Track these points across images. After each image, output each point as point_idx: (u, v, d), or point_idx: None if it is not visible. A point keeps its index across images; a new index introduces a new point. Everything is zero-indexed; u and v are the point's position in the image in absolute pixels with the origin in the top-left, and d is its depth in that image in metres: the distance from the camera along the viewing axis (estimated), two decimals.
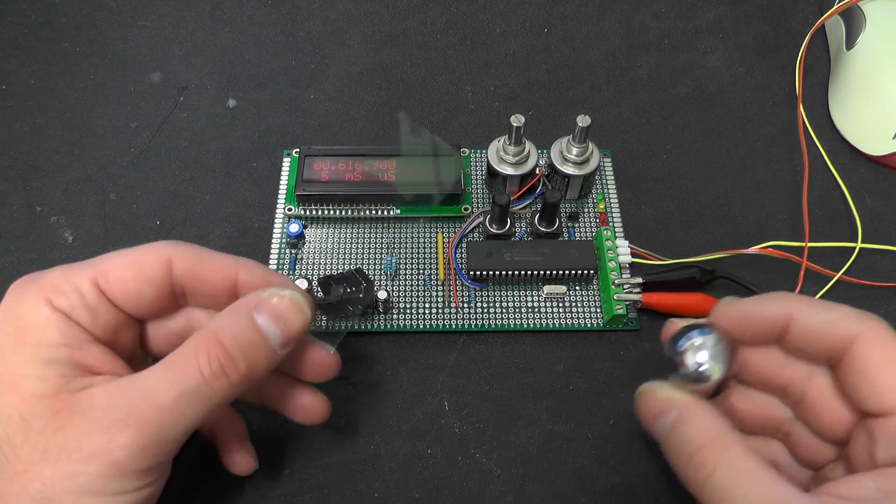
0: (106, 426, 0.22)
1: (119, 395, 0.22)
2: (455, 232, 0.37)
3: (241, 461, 0.29)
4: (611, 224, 0.38)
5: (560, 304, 0.35)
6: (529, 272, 0.34)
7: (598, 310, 0.35)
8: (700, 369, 0.24)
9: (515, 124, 0.35)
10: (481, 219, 0.37)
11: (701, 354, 0.24)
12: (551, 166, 0.37)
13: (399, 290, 0.35)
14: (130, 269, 0.25)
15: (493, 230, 0.36)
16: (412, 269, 0.36)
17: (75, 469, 0.22)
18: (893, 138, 0.40)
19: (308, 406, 0.28)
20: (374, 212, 0.37)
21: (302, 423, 0.29)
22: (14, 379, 0.22)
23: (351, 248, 0.37)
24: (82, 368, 0.23)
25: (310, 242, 0.37)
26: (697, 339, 0.24)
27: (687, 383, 0.24)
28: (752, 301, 0.25)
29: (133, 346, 0.27)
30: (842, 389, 0.24)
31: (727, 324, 0.25)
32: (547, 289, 0.35)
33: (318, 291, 0.33)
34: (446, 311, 0.35)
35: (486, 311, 0.35)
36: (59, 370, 0.23)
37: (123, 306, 0.25)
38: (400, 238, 0.37)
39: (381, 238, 0.37)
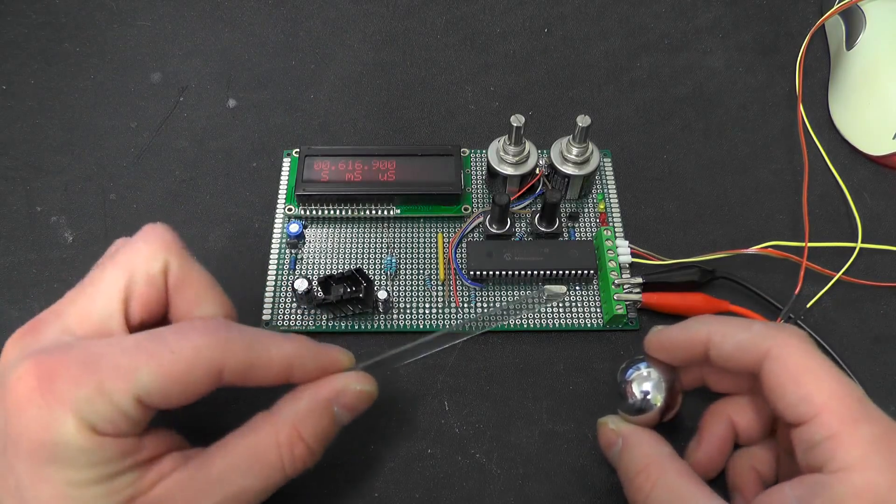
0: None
1: (198, 489, 0.21)
2: (455, 232, 0.37)
3: None
4: (611, 224, 0.38)
5: (560, 304, 0.35)
6: (529, 272, 0.34)
7: (598, 310, 0.35)
8: (646, 398, 0.27)
9: (515, 124, 0.35)
10: (481, 219, 0.37)
11: (645, 385, 0.27)
12: (551, 166, 0.37)
13: (399, 290, 0.35)
14: (177, 386, 0.21)
15: (493, 230, 0.36)
16: (412, 269, 0.36)
17: None
18: (893, 138, 0.40)
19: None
20: (374, 212, 0.37)
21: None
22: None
23: (351, 248, 0.37)
24: (144, 464, 0.21)
25: (310, 242, 0.37)
26: (641, 372, 0.27)
27: (634, 412, 0.27)
28: (677, 328, 0.27)
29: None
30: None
31: (657, 351, 0.28)
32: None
33: (318, 291, 0.33)
34: (446, 311, 0.35)
35: (486, 311, 0.35)
36: (125, 481, 0.21)
37: (160, 406, 0.22)
38: (400, 238, 0.37)
39: (381, 238, 0.37)
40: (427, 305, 0.35)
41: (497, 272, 0.34)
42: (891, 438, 0.21)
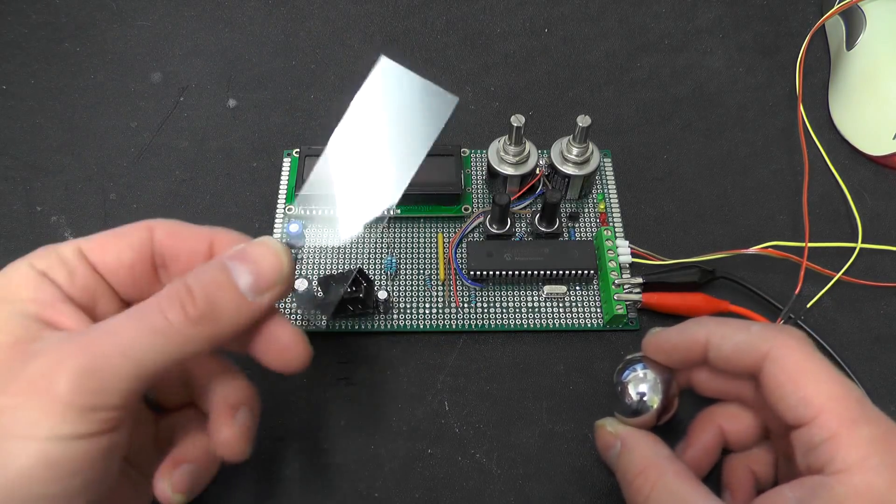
0: (49, 355, 0.20)
1: (72, 336, 0.21)
2: (455, 232, 0.37)
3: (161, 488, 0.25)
4: (611, 224, 0.38)
5: (560, 304, 0.35)
6: (529, 272, 0.34)
7: (599, 310, 0.35)
8: (642, 400, 0.27)
9: (515, 124, 0.35)
10: (481, 219, 0.37)
11: (641, 387, 0.27)
12: (551, 166, 0.37)
13: (399, 290, 0.35)
14: (111, 235, 0.25)
15: (493, 230, 0.36)
16: (412, 269, 0.36)
17: (5, 403, 0.19)
18: (893, 138, 0.40)
19: (285, 346, 0.24)
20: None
21: (281, 371, 0.25)
22: None
23: (351, 248, 0.37)
24: (50, 324, 0.22)
25: (310, 242, 0.37)
26: (637, 373, 0.27)
27: (630, 414, 0.27)
28: (675, 329, 0.27)
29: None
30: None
31: (655, 353, 0.28)
32: (547, 289, 0.35)
33: (318, 291, 0.33)
34: (446, 311, 0.35)
35: (486, 311, 0.35)
36: (23, 322, 0.21)
37: (104, 270, 0.24)
38: (400, 238, 0.37)
39: (381, 238, 0.37)
40: (427, 305, 0.35)
41: (497, 272, 0.34)
42: (890, 440, 0.21)
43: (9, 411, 0.19)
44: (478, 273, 0.35)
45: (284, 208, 0.38)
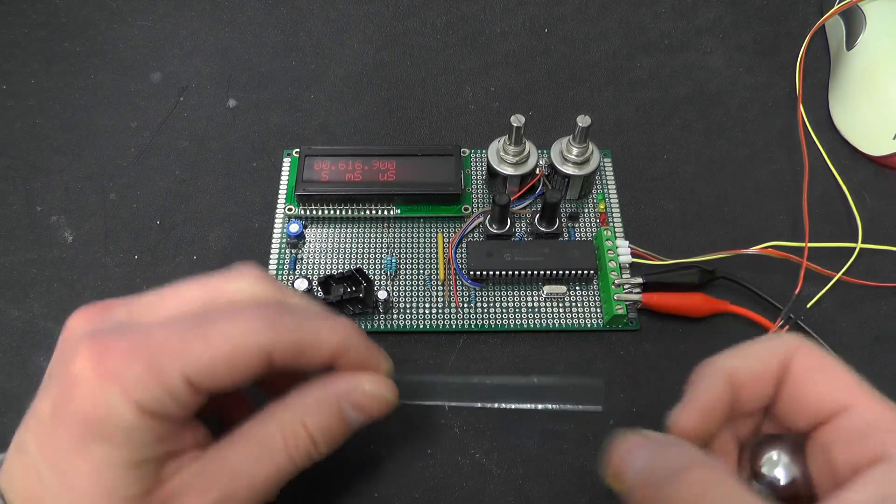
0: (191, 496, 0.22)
1: (209, 480, 0.22)
2: (455, 232, 0.37)
3: None
4: (611, 224, 0.38)
5: (560, 304, 0.35)
6: (529, 272, 0.34)
7: (598, 310, 0.35)
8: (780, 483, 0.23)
9: (515, 124, 0.35)
10: (481, 219, 0.37)
11: (777, 470, 0.23)
12: (551, 166, 0.37)
13: (399, 290, 0.35)
14: (225, 367, 0.21)
15: (493, 230, 0.36)
16: (412, 269, 0.36)
17: None
18: (893, 138, 0.40)
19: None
20: (374, 212, 0.37)
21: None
22: (99, 484, 0.21)
23: (351, 248, 0.37)
24: (172, 455, 0.22)
25: (310, 242, 0.37)
26: (774, 455, 0.23)
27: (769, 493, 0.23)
28: (695, 395, 0.23)
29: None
30: (789, 405, 0.23)
31: (688, 437, 0.23)
32: (547, 289, 0.35)
33: (318, 291, 0.33)
34: (446, 311, 0.35)
35: (486, 311, 0.35)
36: (152, 468, 0.21)
37: (212, 392, 0.22)
38: (400, 238, 0.37)
39: (381, 238, 0.37)
40: (427, 305, 0.35)
41: (497, 272, 0.34)
42: None
43: None
44: (478, 273, 0.35)
45: (284, 208, 0.38)
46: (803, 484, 0.23)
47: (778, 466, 0.23)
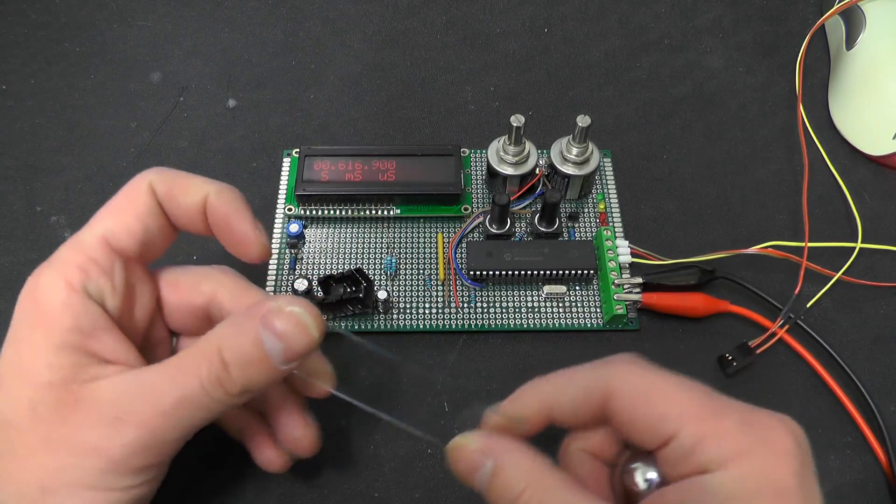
0: (107, 423, 0.22)
1: (124, 393, 0.23)
2: (455, 232, 0.37)
3: (269, 456, 0.28)
4: (611, 224, 0.38)
5: (560, 304, 0.35)
6: (529, 272, 0.34)
7: (598, 310, 0.35)
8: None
9: (515, 124, 0.35)
10: (481, 219, 0.37)
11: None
12: (551, 166, 0.37)
13: (399, 290, 0.35)
14: (128, 213, 0.25)
15: (493, 230, 0.36)
16: (412, 269, 0.36)
17: (74, 462, 0.22)
18: (893, 138, 0.40)
19: (298, 437, 0.27)
20: (373, 212, 0.37)
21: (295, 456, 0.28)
22: (26, 365, 0.23)
23: (351, 248, 0.37)
24: (94, 357, 0.23)
25: (310, 242, 0.37)
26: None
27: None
28: (509, 404, 0.25)
29: (152, 312, 0.27)
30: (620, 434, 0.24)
31: (500, 428, 0.24)
32: (547, 289, 0.35)
33: (318, 291, 0.33)
34: (446, 311, 0.35)
35: (486, 311, 0.35)
36: (71, 359, 0.23)
37: (136, 252, 0.25)
38: (400, 238, 0.37)
39: (381, 238, 0.37)
40: (427, 305, 0.35)
41: (497, 272, 0.34)
42: (754, 420, 0.21)
43: (76, 469, 0.22)
44: (478, 273, 0.35)
45: (284, 208, 0.38)
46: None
47: (637, 477, 0.23)
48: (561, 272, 0.34)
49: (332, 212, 0.37)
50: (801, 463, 0.20)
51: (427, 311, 0.35)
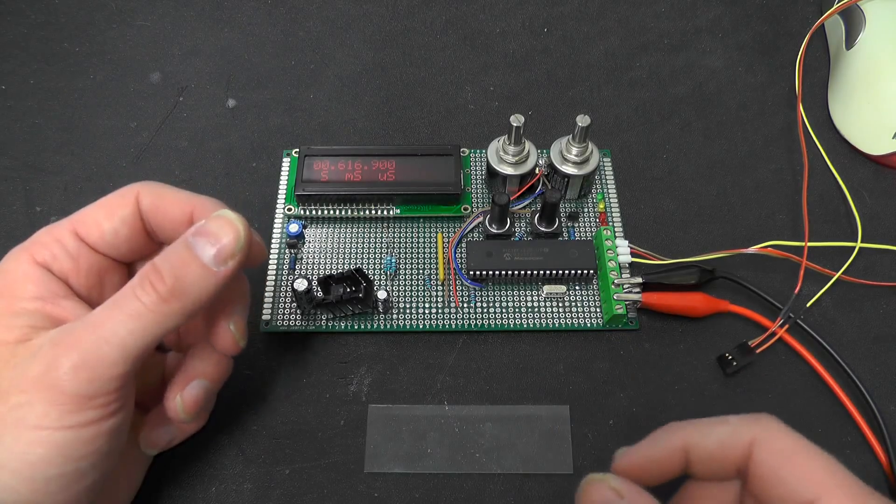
0: (47, 354, 0.22)
1: (67, 327, 0.23)
2: (455, 232, 0.37)
3: (156, 435, 0.28)
4: (610, 224, 0.38)
5: (560, 304, 0.35)
6: (529, 272, 0.34)
7: (598, 310, 0.35)
8: None
9: (515, 124, 0.35)
10: (481, 219, 0.37)
11: None
12: (551, 166, 0.37)
13: (399, 290, 0.35)
14: (102, 211, 0.27)
15: (493, 230, 0.36)
16: (412, 269, 0.36)
17: (18, 399, 0.22)
18: (893, 138, 0.40)
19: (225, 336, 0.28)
20: (373, 212, 0.37)
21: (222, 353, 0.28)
22: None
23: (351, 248, 0.37)
24: (52, 320, 0.24)
25: (310, 242, 0.37)
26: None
27: None
28: (646, 444, 0.25)
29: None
30: (757, 498, 0.23)
31: (629, 474, 0.24)
32: (547, 289, 0.35)
33: (317, 291, 0.33)
34: (446, 311, 0.35)
35: (485, 311, 0.35)
36: (27, 321, 0.24)
37: (103, 248, 0.27)
38: (400, 238, 0.37)
39: (381, 238, 0.37)
40: (427, 305, 0.35)
41: (497, 272, 0.34)
42: None
43: (22, 407, 0.22)
44: (477, 273, 0.35)
45: (284, 208, 0.38)
46: None
47: None
48: (561, 272, 0.35)
49: (331, 212, 0.37)
50: None
51: (427, 311, 0.35)
